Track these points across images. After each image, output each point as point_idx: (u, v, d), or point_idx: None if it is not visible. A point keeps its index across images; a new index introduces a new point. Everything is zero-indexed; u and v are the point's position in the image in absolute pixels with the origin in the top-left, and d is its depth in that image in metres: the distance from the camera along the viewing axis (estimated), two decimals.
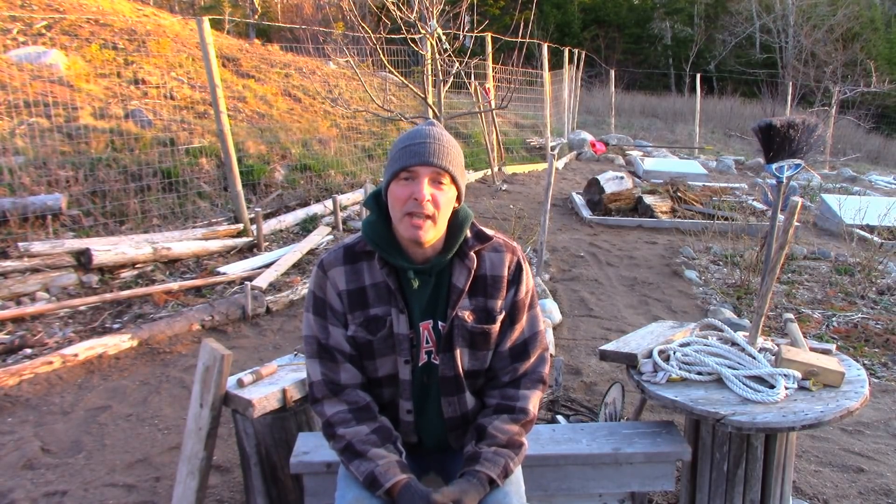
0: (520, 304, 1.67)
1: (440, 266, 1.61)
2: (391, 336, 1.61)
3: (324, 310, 1.62)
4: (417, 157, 1.51)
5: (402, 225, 1.53)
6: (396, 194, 1.53)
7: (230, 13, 20.66)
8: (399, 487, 1.50)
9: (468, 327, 1.62)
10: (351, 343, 1.62)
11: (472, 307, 1.63)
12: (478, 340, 1.65)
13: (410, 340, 1.62)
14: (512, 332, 1.68)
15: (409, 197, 1.51)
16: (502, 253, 1.66)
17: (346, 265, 1.62)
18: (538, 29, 20.88)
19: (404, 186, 1.52)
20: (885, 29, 26.59)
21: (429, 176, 1.52)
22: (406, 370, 1.63)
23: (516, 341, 1.69)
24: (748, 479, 2.09)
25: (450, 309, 1.61)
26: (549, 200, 5.07)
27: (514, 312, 1.67)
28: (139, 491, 2.67)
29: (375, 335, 1.61)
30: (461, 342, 1.63)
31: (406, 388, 1.64)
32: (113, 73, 7.57)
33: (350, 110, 9.04)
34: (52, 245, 4.70)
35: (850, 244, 6.64)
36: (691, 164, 11.75)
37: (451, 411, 1.68)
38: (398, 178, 1.53)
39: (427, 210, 1.51)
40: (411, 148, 1.52)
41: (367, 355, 1.63)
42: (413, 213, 1.51)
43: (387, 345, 1.62)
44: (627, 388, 3.05)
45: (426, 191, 1.51)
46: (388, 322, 1.60)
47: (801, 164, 2.41)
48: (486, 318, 1.64)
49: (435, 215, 1.53)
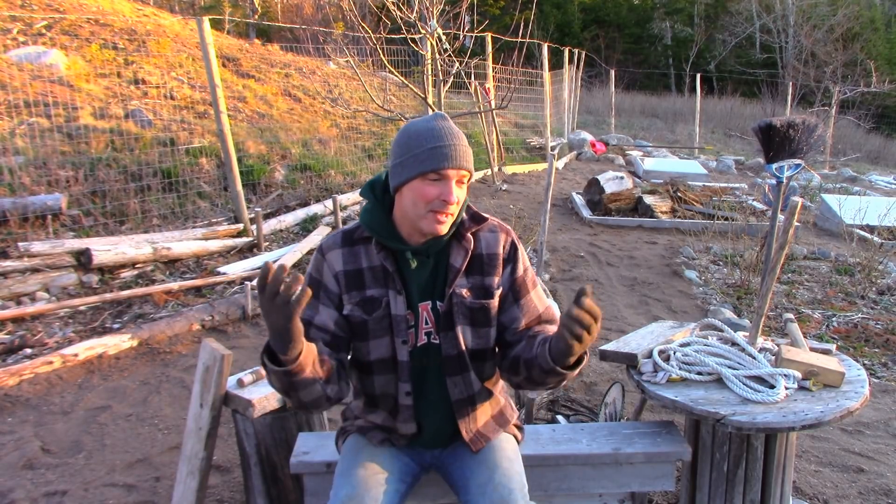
0: (520, 281, 1.70)
1: (437, 247, 1.64)
2: (386, 317, 1.62)
3: (318, 290, 1.65)
4: (449, 161, 1.54)
5: (425, 221, 1.57)
6: (423, 192, 1.55)
7: (230, 13, 20.66)
8: None
9: (467, 303, 1.65)
10: (341, 325, 1.63)
11: (469, 285, 1.66)
12: (478, 317, 1.66)
13: (407, 321, 1.63)
14: (522, 309, 1.69)
15: (437, 197, 1.55)
16: (497, 233, 1.71)
17: (343, 248, 1.66)
18: (538, 29, 20.85)
19: (433, 185, 1.55)
20: (885, 29, 26.60)
21: (456, 177, 1.57)
22: (404, 351, 1.64)
23: (532, 319, 1.71)
24: (748, 479, 2.09)
25: (447, 287, 1.63)
26: (549, 200, 5.07)
27: (517, 289, 1.70)
28: (139, 491, 2.67)
29: (370, 315, 1.62)
30: (462, 319, 1.65)
31: (405, 369, 1.65)
32: (113, 73, 7.57)
33: (350, 110, 9.05)
34: (52, 245, 4.70)
35: (850, 244, 6.63)
36: (691, 164, 11.75)
37: (458, 393, 1.68)
38: (426, 177, 1.55)
39: (453, 210, 1.57)
40: (441, 150, 1.54)
41: (360, 336, 1.65)
42: (439, 211, 1.55)
43: (381, 326, 1.63)
44: (627, 388, 3.05)
45: (456, 193, 1.56)
46: (384, 302, 1.62)
47: (801, 164, 2.41)
48: (484, 294, 1.66)
49: (455, 212, 1.60)
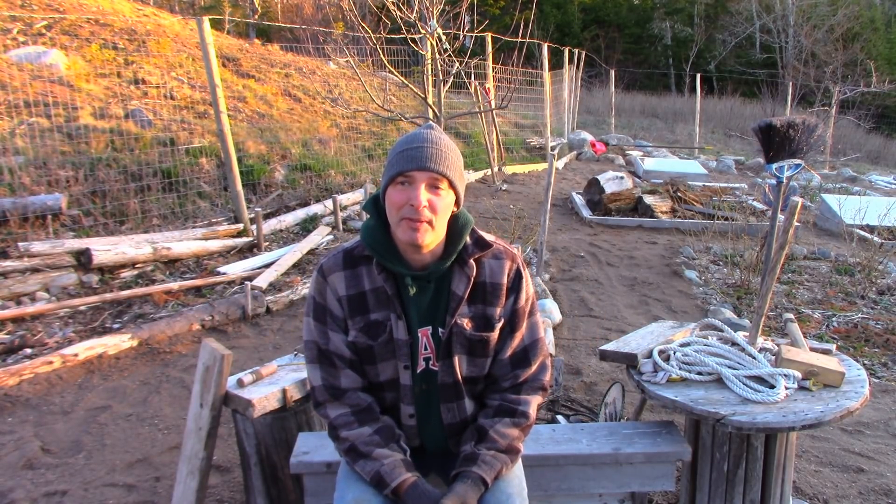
0: (520, 312, 1.67)
1: (439, 273, 1.60)
2: (391, 341, 1.60)
3: (323, 315, 1.62)
4: (414, 162, 1.49)
5: (400, 229, 1.52)
6: (393, 199, 1.51)
7: (230, 13, 20.65)
8: (406, 486, 1.50)
9: (467, 335, 1.62)
10: (351, 348, 1.62)
11: (470, 314, 1.62)
12: (476, 348, 1.64)
13: (410, 346, 1.61)
14: (512, 339, 1.67)
15: (405, 202, 1.50)
16: (502, 260, 1.65)
17: (345, 270, 1.61)
18: (538, 29, 20.86)
19: (401, 191, 1.51)
20: (885, 29, 26.58)
21: (426, 181, 1.51)
22: (406, 375, 1.63)
23: (517, 349, 1.68)
24: (748, 479, 2.09)
25: (449, 316, 1.60)
26: (549, 200, 5.07)
27: (514, 320, 1.67)
28: (139, 491, 2.67)
29: (376, 340, 1.60)
30: (459, 349, 1.63)
31: (407, 393, 1.64)
32: (113, 73, 7.57)
33: (350, 110, 9.04)
34: (52, 245, 4.70)
35: (850, 244, 6.63)
36: (691, 164, 11.75)
37: (451, 417, 1.68)
38: (395, 182, 1.52)
39: (424, 216, 1.49)
40: (408, 152, 1.51)
41: (368, 360, 1.63)
42: (410, 217, 1.49)
43: (387, 349, 1.61)
44: (627, 388, 3.05)
45: (423, 196, 1.49)
46: (389, 327, 1.60)
47: (801, 164, 2.41)
48: (485, 325, 1.63)
49: (432, 220, 1.51)
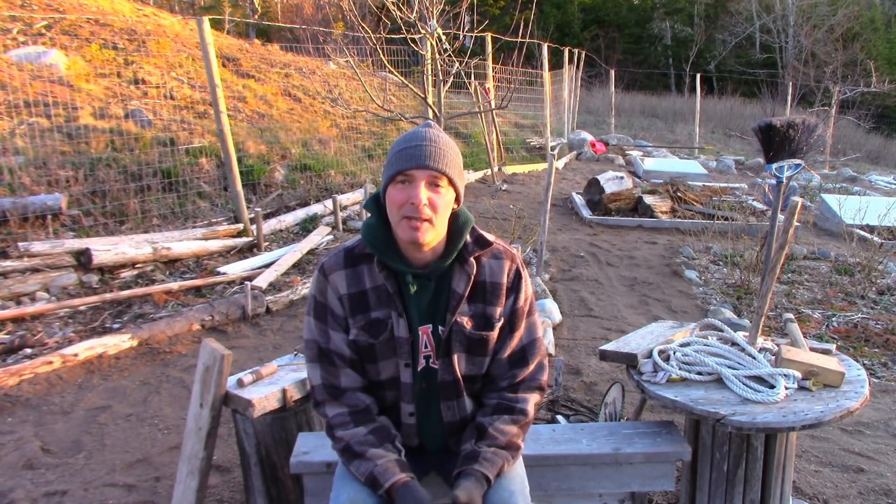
0: (519, 312, 1.68)
1: (439, 271, 1.60)
2: (392, 339, 1.61)
3: (324, 314, 1.62)
4: (414, 161, 1.50)
5: (400, 228, 1.52)
6: (393, 198, 1.52)
7: (230, 13, 20.65)
8: (398, 486, 1.50)
9: (466, 333, 1.62)
10: (352, 347, 1.62)
11: (470, 313, 1.63)
12: (475, 346, 1.65)
13: (410, 344, 1.62)
14: (511, 339, 1.68)
15: (406, 201, 1.50)
16: (502, 260, 1.66)
17: (346, 269, 1.62)
18: (538, 29, 20.85)
19: (401, 190, 1.51)
20: (885, 29, 26.59)
21: (425, 179, 1.51)
22: (407, 374, 1.63)
23: (515, 349, 1.69)
24: (748, 479, 2.09)
25: (449, 314, 1.61)
26: (549, 200, 5.07)
27: (513, 320, 1.68)
28: (139, 491, 2.67)
29: (377, 338, 1.61)
30: (459, 347, 1.63)
31: (407, 391, 1.65)
32: (113, 73, 7.57)
33: (350, 110, 9.05)
34: (52, 245, 4.70)
35: (850, 244, 6.63)
36: (691, 164, 11.75)
37: (451, 416, 1.69)
38: (395, 181, 1.52)
39: (424, 214, 1.50)
40: (407, 151, 1.51)
41: (368, 358, 1.63)
42: (410, 216, 1.50)
43: (388, 347, 1.62)
44: (627, 388, 3.05)
45: (423, 194, 1.50)
46: (390, 325, 1.60)
47: (801, 164, 2.41)
48: (485, 324, 1.64)
49: (433, 218, 1.52)
